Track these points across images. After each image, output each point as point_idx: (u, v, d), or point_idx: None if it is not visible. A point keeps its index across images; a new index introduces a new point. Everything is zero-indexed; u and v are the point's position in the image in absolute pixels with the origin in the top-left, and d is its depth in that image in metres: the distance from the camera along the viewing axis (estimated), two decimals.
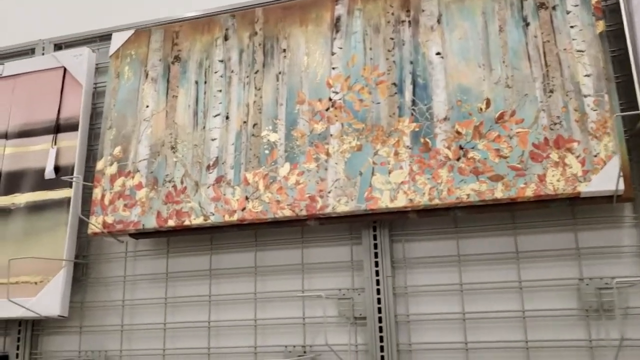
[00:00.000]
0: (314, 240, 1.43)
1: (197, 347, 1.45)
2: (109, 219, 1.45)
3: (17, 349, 1.57)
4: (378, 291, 1.32)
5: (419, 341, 1.30)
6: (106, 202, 1.47)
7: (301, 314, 1.39)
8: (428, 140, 1.28)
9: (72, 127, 1.62)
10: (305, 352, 1.36)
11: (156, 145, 1.48)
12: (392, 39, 1.38)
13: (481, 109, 1.27)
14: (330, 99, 1.37)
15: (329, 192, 1.30)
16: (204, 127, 1.46)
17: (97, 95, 1.71)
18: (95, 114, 1.69)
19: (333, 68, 1.39)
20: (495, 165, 1.22)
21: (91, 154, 1.66)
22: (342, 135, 1.33)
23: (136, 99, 1.55)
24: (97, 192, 1.49)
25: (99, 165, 1.51)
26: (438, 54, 1.34)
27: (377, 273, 1.33)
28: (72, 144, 1.61)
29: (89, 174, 1.64)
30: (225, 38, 1.52)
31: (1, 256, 1.56)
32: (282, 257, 1.45)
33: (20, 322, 1.59)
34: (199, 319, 1.47)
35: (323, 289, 1.39)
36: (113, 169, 1.50)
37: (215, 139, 1.44)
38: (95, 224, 1.45)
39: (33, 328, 1.59)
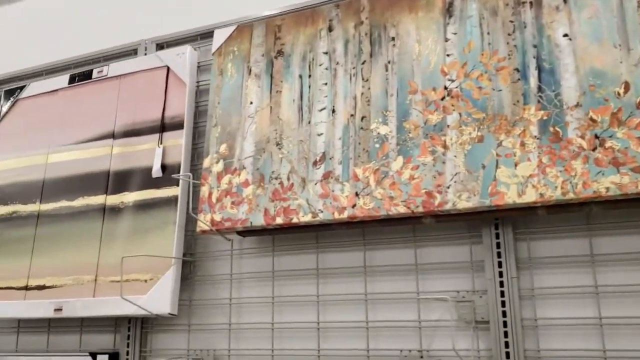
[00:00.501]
0: (428, 238, 1.35)
1: (307, 348, 1.41)
2: (217, 217, 1.43)
3: (127, 346, 1.60)
4: (502, 293, 1.22)
5: (548, 347, 1.20)
6: (213, 199, 1.46)
7: (416, 317, 1.32)
8: (559, 129, 1.16)
9: (177, 125, 1.63)
10: (422, 356, 1.28)
11: (261, 141, 1.46)
12: (511, 21, 1.28)
13: (619, 94, 1.15)
14: (445, 88, 1.29)
15: (448, 187, 1.22)
16: (309, 122, 1.42)
17: (199, 93, 1.71)
18: (198, 112, 1.69)
19: (447, 55, 1.31)
20: (638, 156, 1.09)
21: (195, 152, 1.66)
22: (461, 126, 1.24)
23: (240, 96, 1.53)
24: (204, 190, 1.48)
25: (206, 163, 1.51)
26: (565, 35, 1.22)
27: (500, 274, 1.23)
28: (178, 143, 1.61)
29: (194, 172, 1.64)
30: (330, 29, 1.47)
31: (112, 254, 1.59)
32: (392, 256, 1.38)
33: (130, 320, 1.61)
34: (307, 319, 1.43)
35: (439, 290, 1.31)
36: (219, 166, 1.49)
37: (321, 134, 1.39)
38: (204, 222, 1.44)
39: (142, 325, 1.61)
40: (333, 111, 1.40)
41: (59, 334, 1.72)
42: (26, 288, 1.68)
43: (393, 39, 1.39)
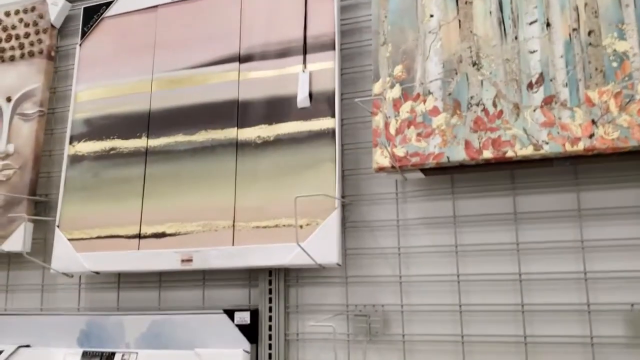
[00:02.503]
0: None
1: (503, 302, 1.22)
2: (400, 152, 1.21)
3: (270, 301, 1.37)
4: None
5: None
6: (392, 131, 1.23)
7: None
8: None
9: (323, 46, 1.37)
10: None
11: (451, 61, 1.22)
12: None
13: None
14: None
15: None
16: (515, 38, 1.19)
17: (342, 9, 1.45)
18: (343, 32, 1.44)
19: None
20: None
21: (343, 78, 1.42)
22: None
23: (415, 8, 1.28)
24: (378, 120, 1.25)
25: (376, 88, 1.27)
26: None
27: None
28: (325, 67, 1.36)
29: (348, 100, 1.40)
30: None
31: (253, 196, 1.35)
32: (615, 198, 1.18)
33: (270, 272, 1.39)
34: (501, 270, 1.23)
35: None
36: (395, 92, 1.25)
37: (534, 51, 1.17)
38: (382, 158, 1.21)
39: (285, 278, 1.39)
40: (547, 24, 1.17)
41: (173, 288, 1.48)
42: (139, 236, 1.43)
43: None
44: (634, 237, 1.16)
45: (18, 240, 1.54)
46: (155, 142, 1.48)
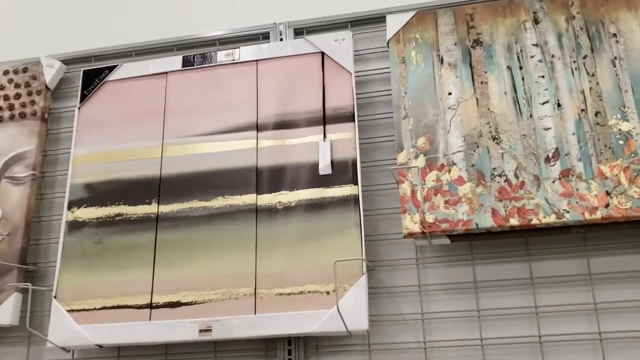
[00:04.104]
0: None
1: None
2: (429, 218, 1.26)
3: None
4: None
5: None
6: (419, 198, 1.28)
7: None
8: None
9: (342, 118, 1.43)
10: None
11: (471, 135, 1.32)
12: None
13: None
14: None
15: None
16: (530, 116, 1.31)
17: (357, 84, 1.53)
18: (358, 105, 1.51)
19: None
20: None
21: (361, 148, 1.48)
22: None
23: (433, 86, 1.38)
24: (405, 188, 1.30)
25: (401, 158, 1.33)
26: None
27: None
28: (344, 137, 1.42)
29: (367, 169, 1.45)
30: (536, 21, 1.38)
31: (275, 263, 1.34)
32: (624, 262, 1.29)
33: (290, 341, 1.36)
34: (521, 333, 1.29)
35: None
36: (420, 161, 1.32)
37: (549, 129, 1.29)
38: (412, 223, 1.26)
39: (305, 346, 1.37)
40: (558, 105, 1.30)
41: None
42: (151, 306, 1.37)
43: (614, 35, 1.33)
44: None
45: (6, 313, 1.42)
46: (167, 208, 1.44)
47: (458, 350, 1.31)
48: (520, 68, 1.35)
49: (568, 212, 1.21)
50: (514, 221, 1.23)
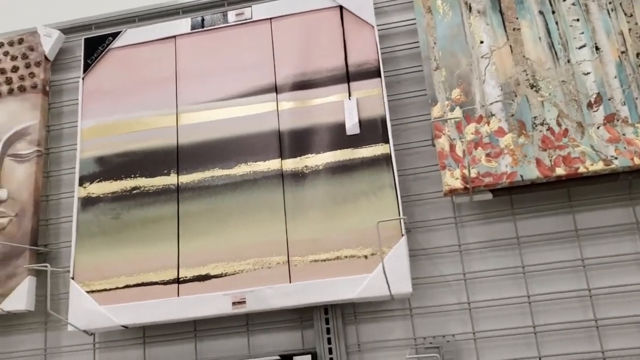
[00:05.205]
0: None
1: (575, 320, 1.22)
2: (472, 172, 1.20)
3: (329, 342, 1.28)
4: None
5: None
6: (458, 152, 1.22)
7: None
8: None
9: (366, 74, 1.36)
10: None
11: (508, 84, 1.25)
12: None
13: None
14: None
15: None
16: (568, 61, 1.25)
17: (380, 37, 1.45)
18: (383, 59, 1.44)
19: None
20: None
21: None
22: None
23: (463, 35, 1.31)
24: (442, 143, 1.24)
25: (435, 111, 1.27)
26: None
27: None
28: (370, 93, 1.34)
29: (396, 126, 1.38)
30: None
31: (307, 229, 1.28)
32: None
33: (326, 309, 1.30)
34: (569, 287, 1.24)
35: None
36: (456, 114, 1.25)
37: (588, 73, 1.23)
38: (452, 179, 1.20)
39: (343, 314, 1.31)
40: (597, 48, 1.24)
41: (212, 338, 1.34)
42: (178, 281, 1.29)
43: None
44: None
45: (21, 298, 1.34)
46: (188, 178, 1.36)
47: (504, 309, 1.26)
48: (553, 12, 1.29)
49: (616, 158, 1.16)
50: (560, 171, 1.17)
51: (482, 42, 1.30)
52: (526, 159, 1.19)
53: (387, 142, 1.30)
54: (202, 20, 1.48)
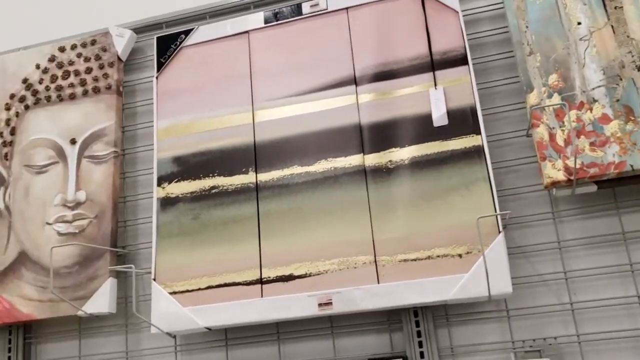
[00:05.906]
0: None
1: None
2: (573, 162, 1.11)
3: (420, 345, 1.21)
4: None
5: None
6: (559, 142, 1.13)
7: None
8: None
9: (452, 62, 1.29)
10: None
11: (612, 67, 1.16)
12: None
13: None
14: None
15: None
16: None
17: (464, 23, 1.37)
18: (469, 46, 1.36)
19: None
20: None
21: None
22: None
23: (558, 17, 1.22)
24: (541, 132, 1.15)
25: (532, 99, 1.18)
26: None
27: None
28: (457, 82, 1.27)
29: (485, 116, 1.31)
30: None
31: (394, 226, 1.21)
32: None
33: (416, 312, 1.23)
34: None
35: None
36: (554, 101, 1.17)
37: None
38: (554, 171, 1.11)
39: (434, 316, 1.24)
40: None
41: (295, 341, 1.30)
42: (261, 281, 1.25)
43: None
44: None
45: (103, 300, 1.32)
46: (267, 177, 1.32)
47: (610, 310, 1.16)
48: None
49: None
50: None
51: (579, 23, 1.21)
52: (636, 147, 1.10)
53: (478, 133, 1.22)
54: (275, 13, 1.44)
